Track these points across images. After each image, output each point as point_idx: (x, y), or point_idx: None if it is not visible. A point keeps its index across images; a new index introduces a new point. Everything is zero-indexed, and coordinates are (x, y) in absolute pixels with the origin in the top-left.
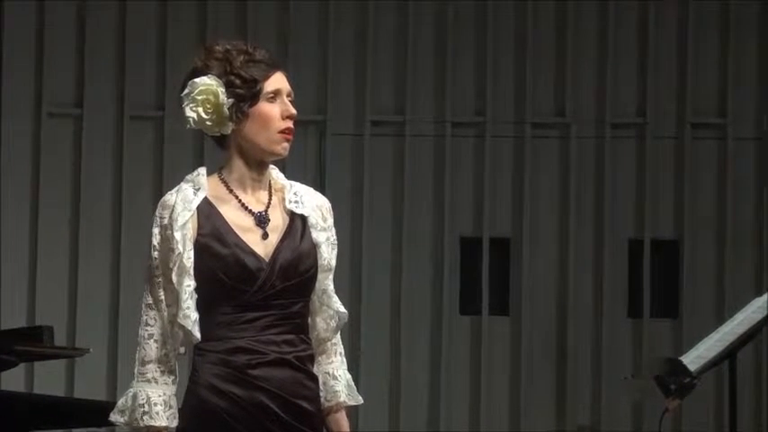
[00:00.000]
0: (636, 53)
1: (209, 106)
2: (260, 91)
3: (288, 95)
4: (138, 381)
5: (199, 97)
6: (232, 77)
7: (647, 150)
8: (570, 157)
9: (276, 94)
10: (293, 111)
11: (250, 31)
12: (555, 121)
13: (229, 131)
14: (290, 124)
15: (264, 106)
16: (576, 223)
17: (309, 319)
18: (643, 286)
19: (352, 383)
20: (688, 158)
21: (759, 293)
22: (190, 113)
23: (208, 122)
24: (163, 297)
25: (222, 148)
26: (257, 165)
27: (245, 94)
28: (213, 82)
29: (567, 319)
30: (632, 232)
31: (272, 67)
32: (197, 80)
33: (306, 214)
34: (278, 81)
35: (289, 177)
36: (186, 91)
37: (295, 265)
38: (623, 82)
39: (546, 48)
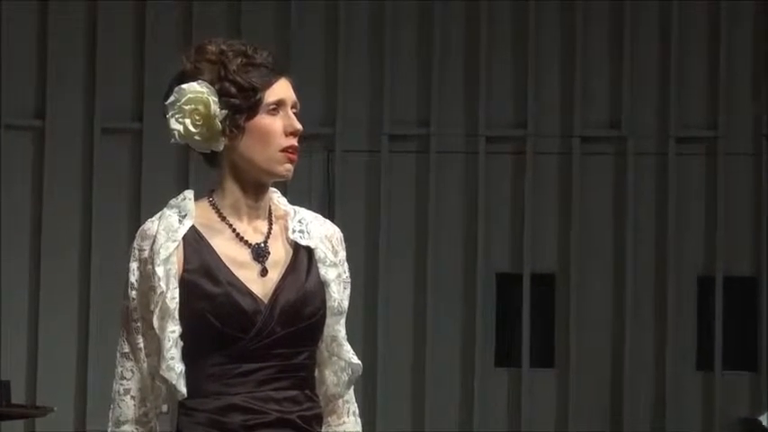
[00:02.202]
0: (706, 56)
1: (198, 118)
2: (260, 101)
3: (293, 107)
4: None
5: (186, 107)
6: (227, 84)
7: (719, 169)
8: (627, 177)
9: (279, 105)
10: (298, 126)
11: (244, 29)
12: (609, 134)
13: (221, 148)
14: (294, 142)
15: (264, 120)
16: (633, 256)
17: (317, 372)
18: (714, 332)
19: None
20: (767, 177)
21: None
22: (175, 125)
23: (196, 137)
24: (142, 345)
25: (213, 167)
26: (255, 187)
27: (242, 104)
28: (204, 89)
29: (623, 371)
30: (702, 268)
31: (275, 73)
32: (185, 86)
33: (312, 246)
34: (282, 90)
35: (292, 202)
36: (171, 99)
37: (299, 307)
38: (690, 89)
39: (598, 50)
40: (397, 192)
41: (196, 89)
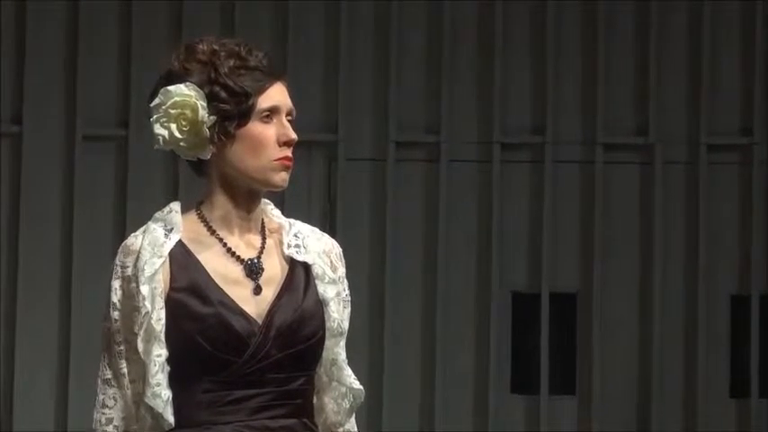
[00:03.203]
0: (739, 58)
1: (184, 123)
2: (252, 107)
3: (288, 114)
4: None
5: (172, 110)
6: (217, 88)
7: (755, 178)
8: (655, 188)
9: (273, 112)
10: (293, 135)
11: (239, 28)
12: (635, 141)
13: (209, 156)
14: (288, 152)
15: (256, 128)
16: (661, 273)
17: (315, 399)
18: (750, 356)
19: None
20: None
21: None
22: (160, 130)
23: (182, 143)
24: (125, 370)
25: (201, 176)
26: (247, 198)
27: (233, 110)
28: (192, 92)
29: (650, 399)
30: (735, 285)
31: (269, 77)
32: (171, 88)
33: (309, 262)
34: (276, 95)
35: (288, 215)
36: (157, 101)
37: (296, 328)
38: (723, 93)
39: (622, 51)
40: (405, 204)
41: (183, 92)
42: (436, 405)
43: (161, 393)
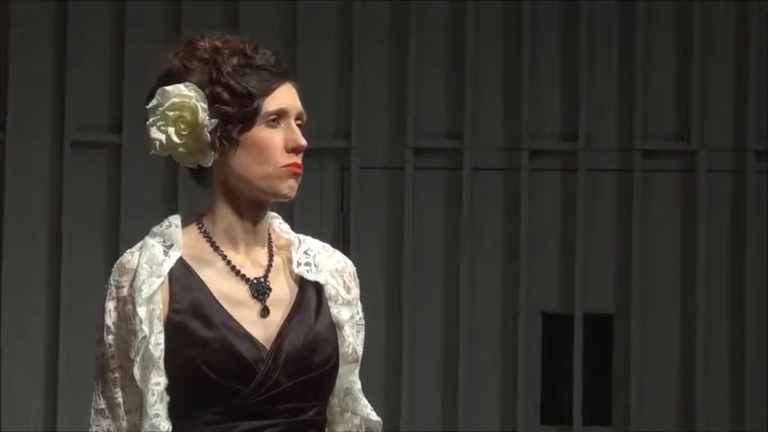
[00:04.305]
0: None
1: (183, 126)
2: (257, 110)
3: (297, 118)
4: None
5: (170, 113)
6: (219, 89)
7: None
8: (698, 198)
9: (280, 115)
10: (302, 141)
11: (243, 24)
12: (675, 147)
13: (210, 163)
14: (296, 159)
15: (262, 133)
16: (705, 292)
17: (328, 431)
18: None
19: None
20: None
21: None
22: (156, 134)
23: (180, 149)
24: (121, 400)
25: (202, 185)
26: (252, 209)
27: (236, 113)
28: (192, 93)
29: (694, 431)
30: None
31: (277, 77)
32: (170, 88)
33: (321, 282)
34: (285, 98)
35: (299, 230)
36: (154, 102)
37: (308, 354)
38: None
39: (662, 50)
40: (424, 217)
41: (183, 93)
42: None
43: (160, 425)
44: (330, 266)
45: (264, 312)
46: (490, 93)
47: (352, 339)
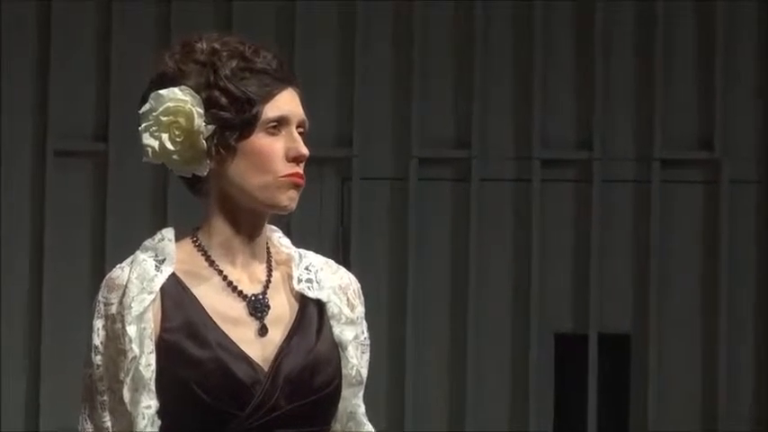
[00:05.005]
0: None
1: (178, 133)
2: (257, 116)
3: (299, 126)
4: None
5: (164, 118)
6: (216, 93)
7: None
8: (721, 211)
9: (281, 122)
10: (304, 150)
11: (238, 28)
12: (697, 156)
13: (205, 172)
14: (298, 169)
15: (262, 140)
16: (728, 310)
17: None
18: None
19: None
20: None
21: None
22: (149, 141)
23: (174, 156)
24: (109, 424)
25: (197, 195)
26: (250, 221)
27: (234, 119)
28: (188, 97)
29: None
30: None
31: (278, 82)
32: (164, 92)
33: (323, 299)
34: (286, 104)
35: (297, 244)
36: (147, 107)
37: (308, 375)
38: None
39: (682, 53)
40: (430, 230)
41: (178, 97)
42: None
43: None
44: (333, 283)
45: (262, 331)
46: (500, 98)
47: (356, 360)
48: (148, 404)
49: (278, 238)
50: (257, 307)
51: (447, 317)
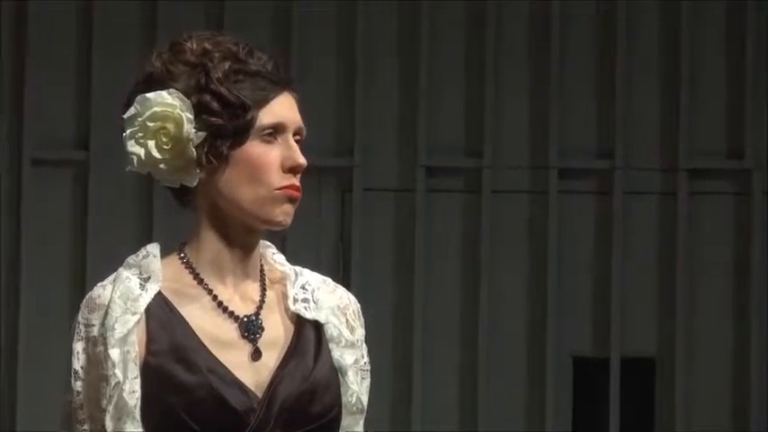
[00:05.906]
0: None
1: (165, 140)
2: (251, 123)
3: (296, 134)
4: None
5: (151, 124)
6: (207, 97)
7: None
8: (753, 224)
9: (277, 130)
10: (302, 160)
11: (229, 27)
12: (726, 166)
13: (195, 183)
14: (294, 180)
15: (256, 149)
16: (760, 332)
17: None
18: None
19: None
20: None
21: None
22: (134, 148)
23: (162, 165)
24: None
25: (185, 207)
26: (242, 236)
27: (227, 125)
28: (176, 102)
29: None
30: None
31: (274, 86)
32: (151, 96)
33: (321, 321)
34: (282, 109)
35: (292, 257)
36: (132, 111)
37: (306, 402)
38: None
39: (709, 56)
40: (437, 244)
41: (166, 101)
42: None
43: None
44: (331, 303)
45: (256, 355)
46: (514, 103)
47: (357, 387)
48: None
49: (272, 255)
50: (250, 329)
51: (456, 340)
